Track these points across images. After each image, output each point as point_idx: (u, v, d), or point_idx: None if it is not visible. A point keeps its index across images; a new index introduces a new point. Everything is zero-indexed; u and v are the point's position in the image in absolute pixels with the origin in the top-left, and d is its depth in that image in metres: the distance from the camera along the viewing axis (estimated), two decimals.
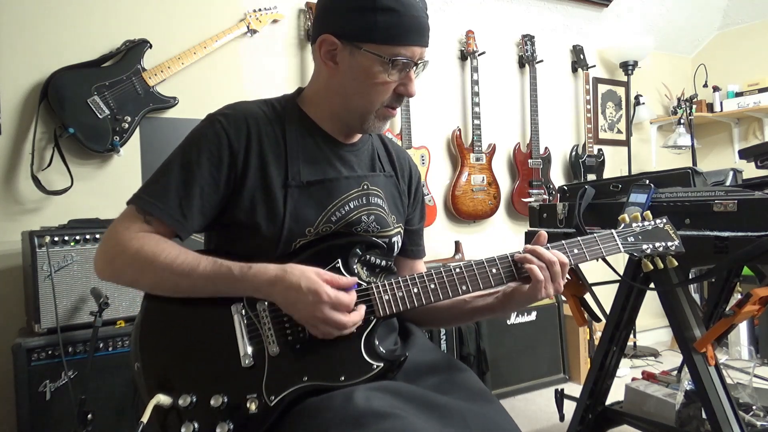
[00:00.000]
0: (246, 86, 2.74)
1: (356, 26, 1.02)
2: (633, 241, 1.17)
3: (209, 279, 0.98)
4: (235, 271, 0.98)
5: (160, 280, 1.00)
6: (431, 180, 3.21)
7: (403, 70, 1.05)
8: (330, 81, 1.10)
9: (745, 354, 3.35)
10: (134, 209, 1.04)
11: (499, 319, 2.95)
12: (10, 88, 2.26)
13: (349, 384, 0.98)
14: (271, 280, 0.96)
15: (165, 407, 0.96)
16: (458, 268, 1.05)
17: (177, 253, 1.00)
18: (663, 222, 1.22)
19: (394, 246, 1.19)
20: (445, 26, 3.35)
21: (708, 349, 1.58)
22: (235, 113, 1.09)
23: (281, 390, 0.97)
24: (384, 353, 1.02)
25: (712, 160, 4.30)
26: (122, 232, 1.03)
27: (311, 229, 1.07)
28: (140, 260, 1.00)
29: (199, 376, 0.98)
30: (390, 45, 1.02)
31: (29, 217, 2.28)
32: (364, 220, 1.12)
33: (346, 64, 1.05)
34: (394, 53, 1.02)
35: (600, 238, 1.15)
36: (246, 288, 0.98)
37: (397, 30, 1.01)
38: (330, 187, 1.10)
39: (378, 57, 1.02)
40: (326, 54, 1.07)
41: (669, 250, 1.20)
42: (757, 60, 4.11)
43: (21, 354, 1.83)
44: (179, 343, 1.01)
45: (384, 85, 1.05)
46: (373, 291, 1.02)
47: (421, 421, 0.89)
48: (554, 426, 2.53)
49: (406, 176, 1.27)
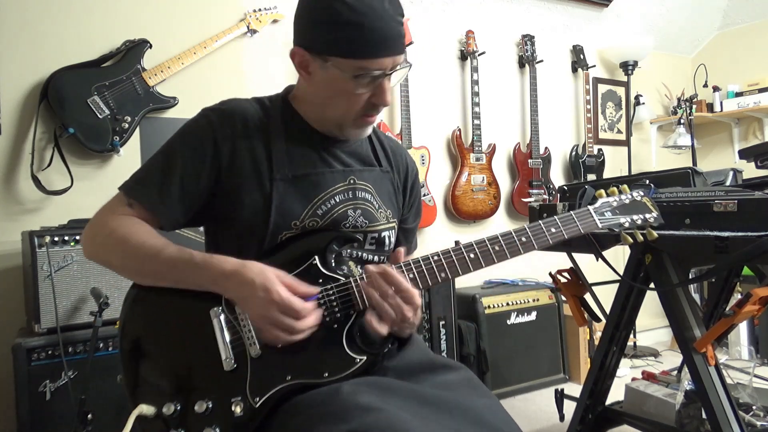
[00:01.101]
0: (246, 86, 2.74)
1: (322, 40, 1.02)
2: (610, 216, 1.16)
3: (171, 263, 0.99)
4: (196, 258, 0.98)
5: (128, 261, 1.02)
6: (431, 180, 3.21)
7: (374, 82, 1.04)
8: (307, 89, 1.12)
9: (745, 354, 3.35)
10: (121, 193, 1.08)
11: (499, 319, 2.96)
12: (10, 88, 2.26)
13: (334, 380, 0.97)
14: (227, 272, 0.96)
15: (149, 417, 0.96)
16: (436, 256, 1.04)
17: (148, 237, 1.02)
18: (641, 194, 1.20)
19: (385, 241, 1.18)
20: (445, 26, 3.35)
21: (708, 349, 1.58)
22: (226, 108, 1.11)
23: (265, 391, 0.97)
24: (366, 346, 1.01)
25: (712, 160, 4.30)
26: (106, 213, 1.06)
27: (297, 222, 1.07)
28: (113, 240, 1.02)
29: (181, 383, 0.98)
30: (355, 59, 1.00)
31: (29, 217, 2.28)
32: (350, 214, 1.12)
33: (318, 75, 1.06)
34: (360, 67, 1.00)
35: (577, 216, 1.14)
36: (204, 277, 0.98)
37: (361, 44, 0.99)
38: (315, 180, 1.10)
39: (343, 71, 1.01)
40: (299, 65, 1.08)
41: (647, 222, 1.19)
42: (757, 60, 4.11)
43: (21, 354, 1.83)
44: (159, 352, 1.01)
45: (355, 96, 1.04)
46: (351, 285, 1.02)
47: (406, 414, 0.89)
48: (554, 426, 2.53)
49: (402, 172, 1.27)
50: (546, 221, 1.11)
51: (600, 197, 1.19)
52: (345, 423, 0.86)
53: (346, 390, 0.92)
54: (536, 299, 3.09)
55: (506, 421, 1.01)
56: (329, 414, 0.88)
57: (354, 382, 0.96)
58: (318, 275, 1.03)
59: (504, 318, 2.98)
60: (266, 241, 1.06)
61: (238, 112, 1.10)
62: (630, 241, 1.19)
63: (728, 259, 1.42)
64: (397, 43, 1.03)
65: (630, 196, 1.20)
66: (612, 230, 1.17)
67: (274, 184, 1.07)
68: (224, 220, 1.09)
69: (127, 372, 1.02)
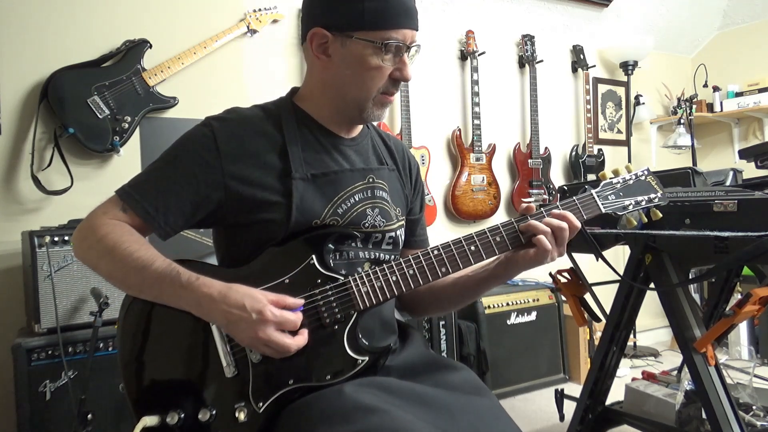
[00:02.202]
0: (246, 86, 2.74)
1: (345, 16, 1.02)
2: (614, 198, 1.14)
3: (157, 279, 0.96)
4: (182, 277, 0.95)
5: (114, 270, 1.00)
6: (431, 180, 3.21)
7: (397, 55, 1.05)
8: (324, 74, 1.10)
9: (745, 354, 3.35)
10: (116, 197, 1.06)
11: (499, 319, 2.96)
12: (10, 88, 2.26)
13: (337, 382, 0.97)
14: (213, 296, 0.93)
15: (154, 427, 0.96)
16: (436, 250, 1.04)
17: (138, 247, 0.99)
18: (645, 173, 1.18)
19: (399, 239, 1.18)
20: (445, 26, 3.35)
21: (708, 349, 1.58)
22: (229, 116, 1.09)
23: (269, 395, 0.96)
24: (367, 346, 1.01)
25: (712, 160, 4.30)
26: (99, 216, 1.04)
27: (318, 221, 1.06)
28: (102, 246, 1.00)
29: (184, 391, 0.98)
30: (380, 30, 1.02)
31: (29, 217, 2.28)
32: (369, 213, 1.11)
33: (339, 55, 1.05)
34: (385, 37, 1.02)
35: (580, 201, 1.12)
36: (188, 298, 0.95)
37: (385, 14, 1.02)
38: (335, 179, 1.10)
39: (370, 43, 1.02)
40: (318, 48, 1.07)
41: (652, 203, 1.17)
42: (757, 60, 4.11)
43: (21, 354, 1.84)
44: (160, 361, 1.00)
45: (378, 70, 1.05)
46: (350, 284, 1.01)
47: (409, 416, 0.89)
48: (554, 426, 2.53)
49: (406, 167, 1.27)
50: (547, 208, 1.09)
51: (603, 179, 1.17)
52: (348, 424, 0.86)
53: (349, 391, 0.92)
54: (536, 299, 3.09)
55: (506, 422, 1.01)
56: (332, 415, 0.88)
57: (356, 382, 0.96)
58: (316, 275, 1.02)
59: (504, 318, 2.98)
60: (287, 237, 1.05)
61: (242, 118, 1.09)
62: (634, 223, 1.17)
63: (728, 259, 1.42)
64: (415, 17, 1.06)
65: (634, 176, 1.17)
66: (616, 214, 1.15)
67: (294, 184, 1.05)
68: (239, 225, 1.07)
69: (128, 381, 1.00)
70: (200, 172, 1.04)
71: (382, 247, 1.15)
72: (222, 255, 1.15)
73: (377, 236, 1.13)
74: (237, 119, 1.09)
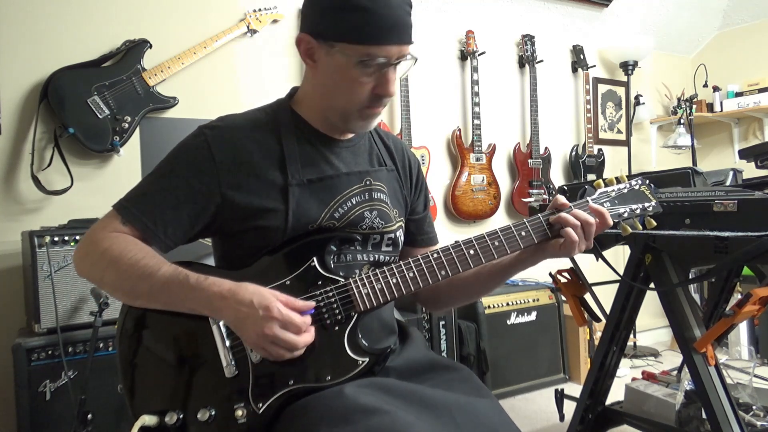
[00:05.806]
0: (246, 86, 2.74)
1: (329, 25, 1.00)
2: (609, 206, 1.15)
3: (166, 284, 0.96)
4: (191, 279, 0.95)
5: (121, 280, 0.99)
6: (431, 180, 3.21)
7: (379, 71, 1.02)
8: (313, 80, 1.10)
9: (745, 354, 3.35)
10: (114, 212, 1.05)
11: (499, 319, 2.96)
12: (10, 88, 2.26)
13: (337, 383, 0.97)
14: (223, 293, 0.93)
15: (152, 427, 0.95)
16: (436, 254, 1.04)
17: (143, 255, 0.99)
18: (639, 183, 1.20)
19: (399, 240, 1.18)
20: (445, 26, 3.35)
21: (708, 349, 1.58)
22: (223, 125, 1.08)
23: (268, 396, 0.96)
24: (368, 347, 1.01)
25: (712, 160, 4.30)
26: (99, 231, 1.03)
27: (314, 225, 1.06)
28: (106, 258, 0.99)
29: (183, 391, 0.98)
30: (362, 45, 0.98)
31: (29, 217, 2.28)
32: (367, 216, 1.11)
33: (323, 62, 1.04)
34: (365, 53, 0.99)
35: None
36: (198, 299, 0.95)
37: (368, 29, 0.97)
38: (330, 183, 1.09)
39: (350, 57, 1.00)
40: (305, 52, 1.06)
41: (646, 212, 1.18)
42: (757, 60, 4.11)
43: (21, 354, 1.84)
44: (159, 361, 1.00)
45: (360, 85, 1.02)
46: (351, 286, 1.01)
47: (409, 417, 0.89)
48: (554, 426, 2.53)
49: (406, 166, 1.26)
50: (543, 215, 1.09)
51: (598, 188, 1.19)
52: (349, 425, 0.86)
53: (349, 392, 0.92)
54: (536, 299, 3.09)
55: (506, 422, 1.01)
56: (333, 417, 0.88)
57: (357, 383, 0.96)
58: (317, 277, 1.02)
59: (504, 318, 2.98)
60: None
61: (236, 126, 1.08)
62: (629, 231, 1.18)
63: (728, 259, 1.42)
64: (403, 32, 1.01)
65: (628, 185, 1.19)
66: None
67: (290, 190, 1.05)
68: (236, 232, 1.07)
69: (126, 381, 1.00)
70: (197, 183, 1.03)
71: (382, 248, 1.15)
72: (219, 260, 1.15)
73: (376, 237, 1.13)
74: (230, 127, 1.08)
